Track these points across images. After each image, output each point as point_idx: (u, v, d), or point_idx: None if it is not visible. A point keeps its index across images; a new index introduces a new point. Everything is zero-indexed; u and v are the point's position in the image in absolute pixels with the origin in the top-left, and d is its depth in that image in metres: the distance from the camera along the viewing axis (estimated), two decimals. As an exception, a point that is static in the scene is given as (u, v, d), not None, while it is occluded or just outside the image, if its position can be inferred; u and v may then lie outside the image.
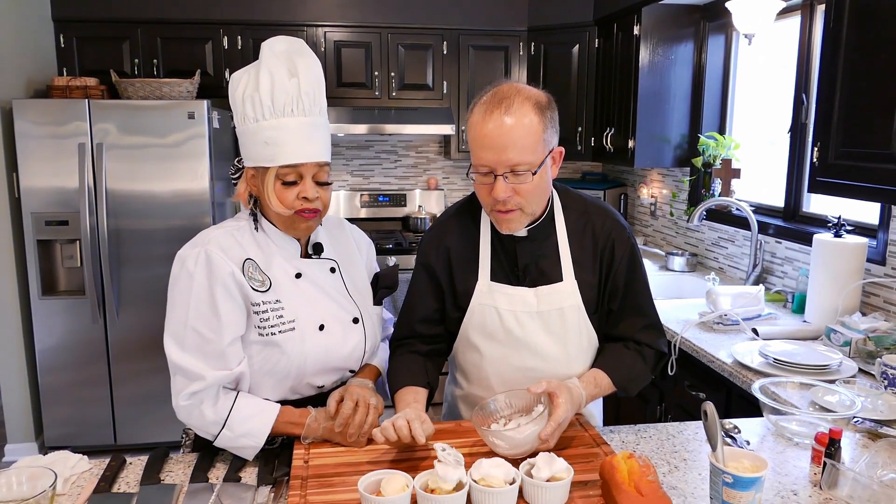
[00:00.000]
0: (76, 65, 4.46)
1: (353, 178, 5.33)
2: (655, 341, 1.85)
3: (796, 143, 3.32)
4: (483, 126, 1.60)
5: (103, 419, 4.17)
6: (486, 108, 1.61)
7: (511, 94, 1.61)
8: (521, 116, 1.58)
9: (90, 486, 1.51)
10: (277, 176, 1.59)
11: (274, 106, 1.57)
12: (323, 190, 1.64)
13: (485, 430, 1.56)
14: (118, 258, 4.02)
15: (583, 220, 1.80)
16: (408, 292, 1.90)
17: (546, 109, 1.63)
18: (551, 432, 1.52)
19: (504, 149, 1.58)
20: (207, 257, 1.58)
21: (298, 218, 1.63)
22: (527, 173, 1.61)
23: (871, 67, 2.23)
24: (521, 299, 1.76)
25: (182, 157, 3.99)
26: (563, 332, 1.77)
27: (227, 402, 1.61)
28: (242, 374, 1.63)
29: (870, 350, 2.37)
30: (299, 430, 1.64)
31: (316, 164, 1.61)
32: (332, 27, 4.69)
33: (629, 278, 1.80)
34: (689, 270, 4.01)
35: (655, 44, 3.97)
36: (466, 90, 4.89)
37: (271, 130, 1.58)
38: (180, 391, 1.59)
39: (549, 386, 1.58)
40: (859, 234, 2.83)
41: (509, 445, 1.53)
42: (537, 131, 1.60)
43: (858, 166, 2.28)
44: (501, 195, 1.62)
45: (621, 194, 5.03)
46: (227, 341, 1.58)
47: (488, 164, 1.61)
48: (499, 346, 1.78)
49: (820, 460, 1.54)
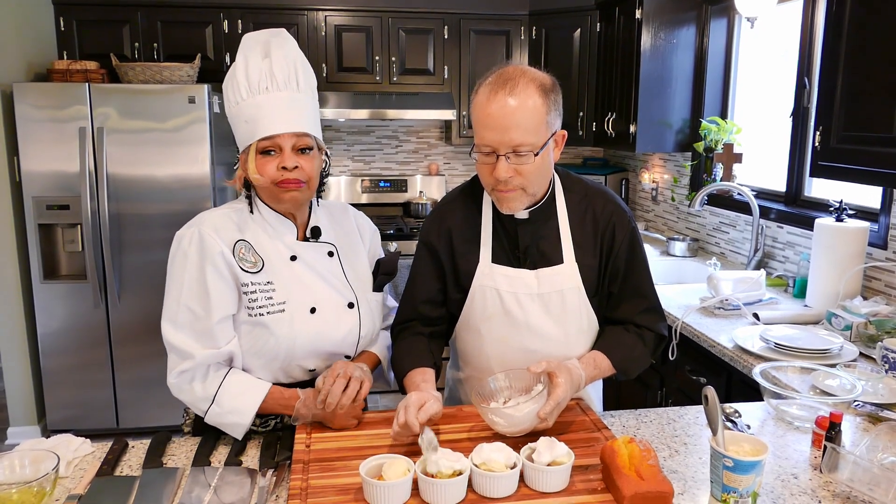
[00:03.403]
0: (76, 48, 4.44)
1: (354, 163, 5.31)
2: (655, 324, 1.85)
3: (798, 127, 3.31)
4: (487, 106, 1.61)
5: (105, 403, 4.19)
6: (490, 88, 1.62)
7: (516, 76, 1.62)
8: (525, 98, 1.59)
9: (93, 469, 1.51)
10: (257, 149, 1.62)
11: (249, 85, 1.62)
12: (304, 159, 1.64)
13: (484, 408, 1.57)
14: (119, 242, 4.02)
15: (584, 203, 1.81)
16: (410, 274, 1.91)
17: (550, 92, 1.64)
18: (550, 411, 1.52)
19: (507, 129, 1.59)
20: (200, 236, 1.62)
21: (280, 189, 1.64)
22: (529, 154, 1.62)
23: (873, 51, 2.21)
24: (522, 281, 1.77)
25: (183, 141, 3.99)
26: (563, 314, 1.77)
27: (217, 379, 1.63)
28: (232, 353, 1.65)
29: (871, 334, 2.37)
30: (290, 411, 1.66)
31: (293, 134, 1.63)
32: (333, 11, 4.66)
33: (629, 261, 1.80)
34: (690, 255, 4.01)
35: (657, 28, 3.95)
36: (467, 75, 4.87)
37: (251, 108, 1.62)
38: (172, 369, 1.63)
39: (549, 366, 1.59)
40: (861, 218, 2.82)
41: (508, 423, 1.54)
42: (541, 113, 1.61)
43: (860, 150, 2.28)
44: (503, 175, 1.63)
45: (622, 179, 5.02)
46: (216, 319, 1.60)
47: (491, 144, 1.62)
48: (499, 327, 1.79)
49: (820, 444, 1.55)
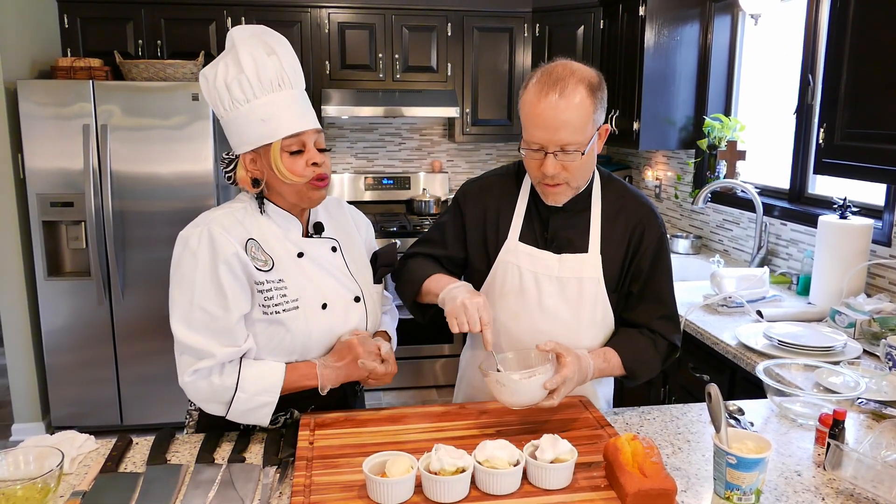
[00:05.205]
0: (80, 45, 4.44)
1: (358, 160, 5.31)
2: (671, 334, 1.85)
3: (802, 124, 3.30)
4: (537, 106, 1.63)
5: (109, 399, 4.20)
6: (540, 87, 1.64)
7: (565, 76, 1.63)
8: (573, 99, 1.62)
9: (97, 465, 1.52)
10: (282, 148, 1.61)
11: (262, 83, 1.60)
12: (324, 155, 1.67)
13: (490, 374, 1.55)
14: (123, 240, 4.03)
15: (619, 202, 1.83)
16: (431, 229, 1.95)
17: (597, 90, 1.66)
18: (556, 386, 1.53)
19: (556, 129, 1.62)
20: (210, 236, 1.59)
21: (311, 187, 1.65)
22: (576, 153, 1.65)
23: (877, 48, 2.21)
24: (544, 262, 1.79)
25: (186, 138, 3.99)
26: (578, 300, 1.79)
27: (234, 370, 1.61)
28: (250, 350, 1.64)
29: (874, 331, 2.37)
30: (311, 381, 1.66)
31: (314, 130, 1.65)
32: (336, 8, 4.65)
33: (654, 265, 1.82)
34: (693, 253, 4.00)
35: (661, 24, 3.94)
36: (471, 72, 4.86)
37: (266, 107, 1.60)
38: (186, 369, 1.60)
39: (558, 347, 1.60)
40: (865, 215, 2.82)
41: (513, 390, 1.52)
42: (588, 112, 1.64)
43: (865, 147, 2.27)
44: (551, 171, 1.66)
45: (626, 177, 5.01)
46: (235, 318, 1.59)
47: (539, 142, 1.65)
48: (513, 305, 1.81)
49: (824, 441, 1.55)
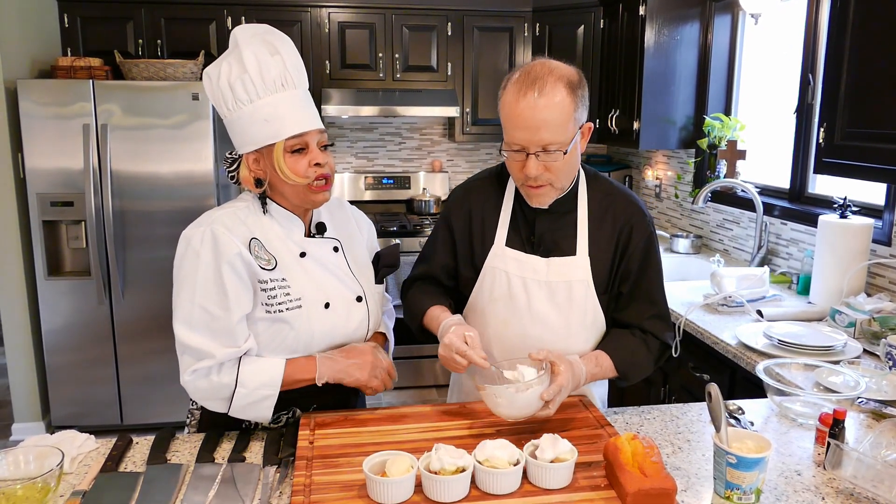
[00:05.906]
0: (80, 45, 4.44)
1: (358, 160, 5.31)
2: (662, 333, 1.83)
3: (802, 123, 3.30)
4: (516, 106, 1.61)
5: (109, 399, 4.20)
6: (518, 87, 1.62)
7: (544, 75, 1.62)
8: (553, 97, 1.60)
9: (97, 465, 1.52)
10: (285, 148, 1.61)
11: (265, 83, 1.60)
12: (327, 155, 1.67)
13: (486, 387, 1.55)
14: (123, 239, 4.03)
15: (606, 201, 1.81)
16: (428, 241, 1.95)
17: (577, 88, 1.64)
18: (553, 395, 1.53)
19: (537, 129, 1.60)
20: (214, 236, 1.59)
21: (313, 190, 1.65)
22: (558, 152, 1.63)
23: (877, 47, 2.21)
24: (532, 267, 1.78)
25: (186, 138, 3.99)
26: (568, 304, 1.77)
27: (233, 367, 1.62)
28: (250, 350, 1.64)
29: (874, 331, 2.37)
30: (311, 374, 1.67)
31: (317, 130, 1.65)
32: (336, 7, 4.65)
33: (643, 265, 1.80)
34: (693, 252, 4.00)
35: (661, 24, 3.94)
36: (471, 72, 4.86)
37: (269, 107, 1.60)
38: (186, 368, 1.61)
39: (550, 355, 1.59)
40: (865, 214, 2.82)
41: (509, 403, 1.52)
42: (569, 111, 1.62)
43: (865, 147, 2.27)
44: (533, 172, 1.64)
45: (626, 176, 5.01)
46: (235, 319, 1.59)
47: (520, 143, 1.64)
48: (502, 311, 1.80)
49: (824, 441, 1.55)
